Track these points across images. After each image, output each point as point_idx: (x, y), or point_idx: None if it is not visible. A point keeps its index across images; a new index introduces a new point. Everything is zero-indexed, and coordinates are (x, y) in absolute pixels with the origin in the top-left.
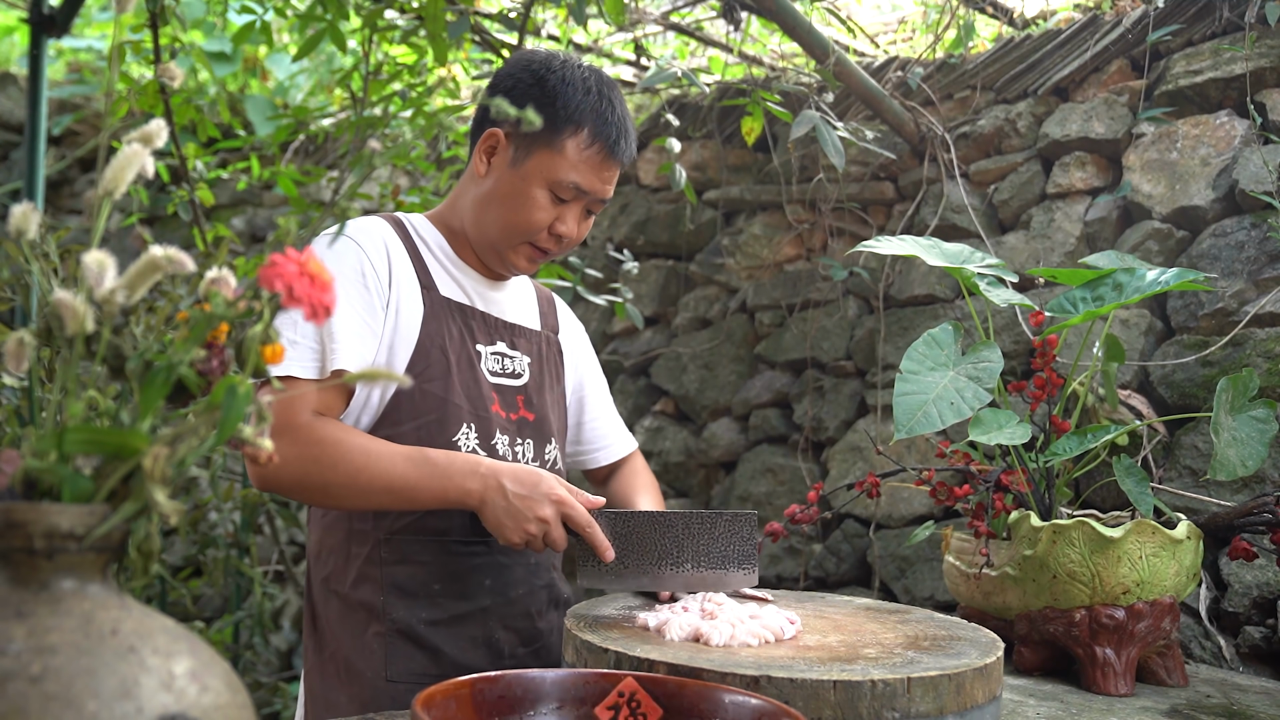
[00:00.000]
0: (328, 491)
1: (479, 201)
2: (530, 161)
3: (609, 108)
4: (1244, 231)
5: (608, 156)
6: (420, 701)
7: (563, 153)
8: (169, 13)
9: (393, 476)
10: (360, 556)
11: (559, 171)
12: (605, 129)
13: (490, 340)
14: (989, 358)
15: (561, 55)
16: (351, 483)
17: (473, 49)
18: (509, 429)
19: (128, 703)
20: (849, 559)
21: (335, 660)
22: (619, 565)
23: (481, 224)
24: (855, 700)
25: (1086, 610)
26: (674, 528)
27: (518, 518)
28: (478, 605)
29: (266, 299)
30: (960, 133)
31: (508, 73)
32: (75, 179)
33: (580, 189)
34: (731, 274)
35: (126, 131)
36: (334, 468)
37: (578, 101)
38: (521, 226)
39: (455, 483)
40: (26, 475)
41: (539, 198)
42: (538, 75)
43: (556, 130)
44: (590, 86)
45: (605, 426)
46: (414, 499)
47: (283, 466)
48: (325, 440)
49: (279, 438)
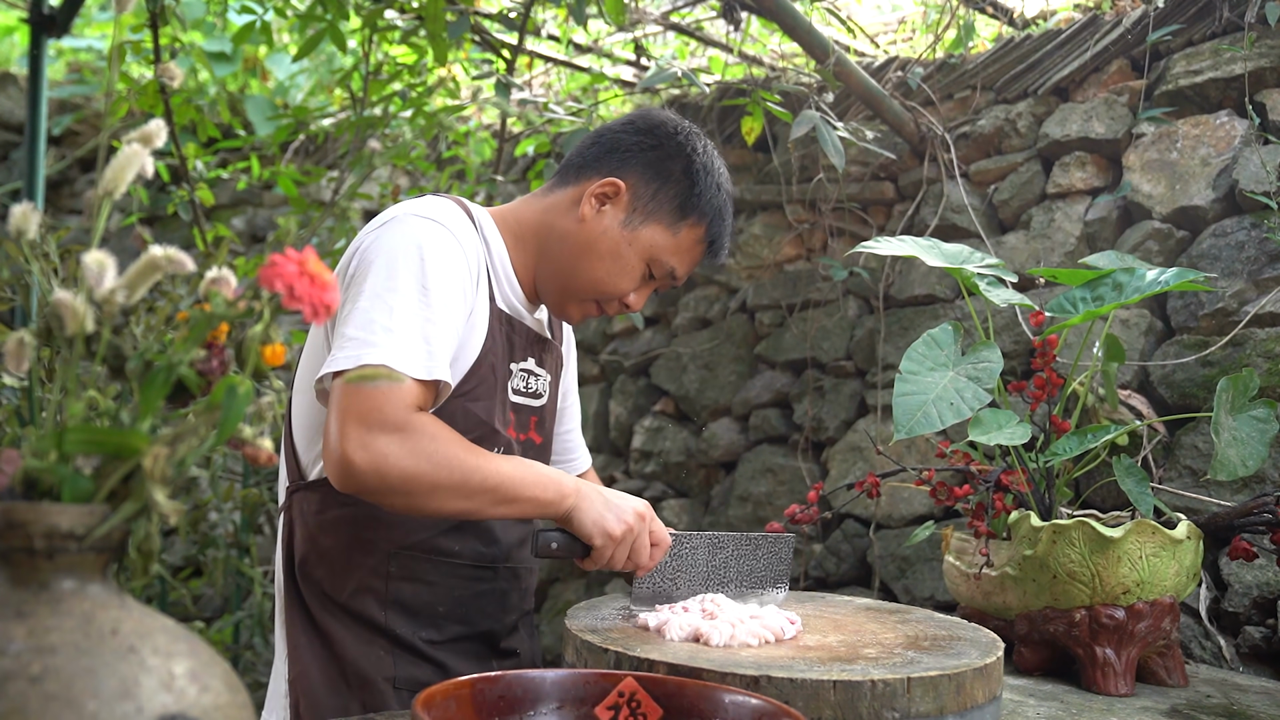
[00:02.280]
0: (434, 493)
1: (573, 245)
2: (644, 230)
3: (729, 211)
4: (1244, 231)
5: (710, 256)
6: (420, 702)
7: (676, 236)
8: (169, 13)
9: (501, 476)
10: (364, 567)
11: (665, 253)
12: (721, 231)
13: (524, 356)
14: (989, 358)
15: (703, 137)
16: (463, 484)
17: (473, 49)
18: (519, 452)
19: (128, 703)
20: (849, 559)
21: (340, 665)
22: (671, 585)
23: (567, 266)
24: (855, 700)
25: (1086, 610)
26: (725, 549)
27: (618, 512)
28: (476, 630)
29: (266, 299)
30: (960, 133)
31: (647, 129)
32: (75, 179)
33: (674, 275)
34: (731, 274)
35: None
36: (449, 466)
37: (710, 195)
38: (607, 287)
39: (554, 481)
40: (26, 475)
41: (636, 268)
42: (682, 150)
43: (682, 214)
44: (722, 184)
45: (575, 439)
46: (514, 497)
47: (392, 463)
48: (439, 437)
49: (384, 433)
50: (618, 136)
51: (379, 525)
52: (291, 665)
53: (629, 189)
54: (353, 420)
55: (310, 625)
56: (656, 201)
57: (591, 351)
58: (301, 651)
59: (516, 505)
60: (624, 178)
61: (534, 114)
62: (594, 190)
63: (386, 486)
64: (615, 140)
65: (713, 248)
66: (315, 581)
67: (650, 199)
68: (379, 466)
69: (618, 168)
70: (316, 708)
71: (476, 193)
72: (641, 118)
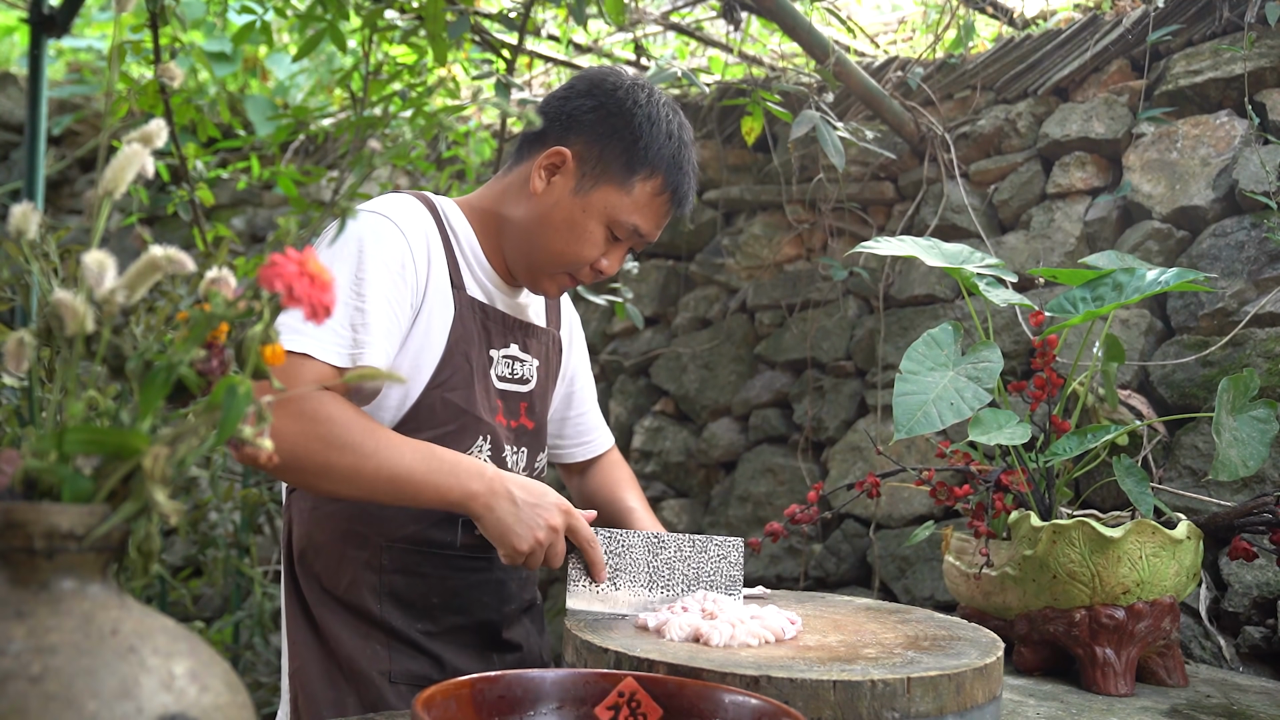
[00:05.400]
0: (327, 474)
1: (529, 220)
2: (595, 194)
3: (686, 157)
4: (1244, 231)
5: (674, 207)
6: (420, 702)
7: (631, 193)
8: (169, 13)
9: (399, 467)
10: (357, 560)
11: (623, 212)
12: (679, 180)
13: (505, 343)
14: (989, 358)
15: (648, 88)
16: (355, 469)
17: (473, 49)
18: (509, 437)
19: (128, 703)
20: (849, 559)
21: (336, 659)
22: (610, 586)
23: (526, 243)
24: (855, 700)
25: (1086, 610)
26: (667, 549)
27: (529, 525)
28: (474, 620)
29: (266, 299)
30: (960, 133)
31: (587, 90)
32: (75, 179)
33: (639, 232)
34: (731, 274)
35: (126, 131)
36: (340, 449)
37: (659, 145)
38: (570, 257)
39: (460, 482)
40: (26, 475)
41: (596, 233)
42: (623, 106)
43: (631, 170)
44: (673, 131)
45: (590, 421)
46: (416, 494)
47: (280, 440)
48: (334, 418)
49: (279, 409)
50: (561, 103)
51: (370, 519)
52: (291, 659)
53: (575, 155)
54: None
55: (308, 620)
56: (604, 162)
57: (592, 351)
58: (300, 646)
59: (418, 500)
60: (569, 144)
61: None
62: (540, 163)
63: (277, 464)
64: (559, 108)
65: (675, 197)
66: (314, 576)
67: (597, 160)
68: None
69: (563, 135)
70: (314, 701)
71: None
72: (582, 80)
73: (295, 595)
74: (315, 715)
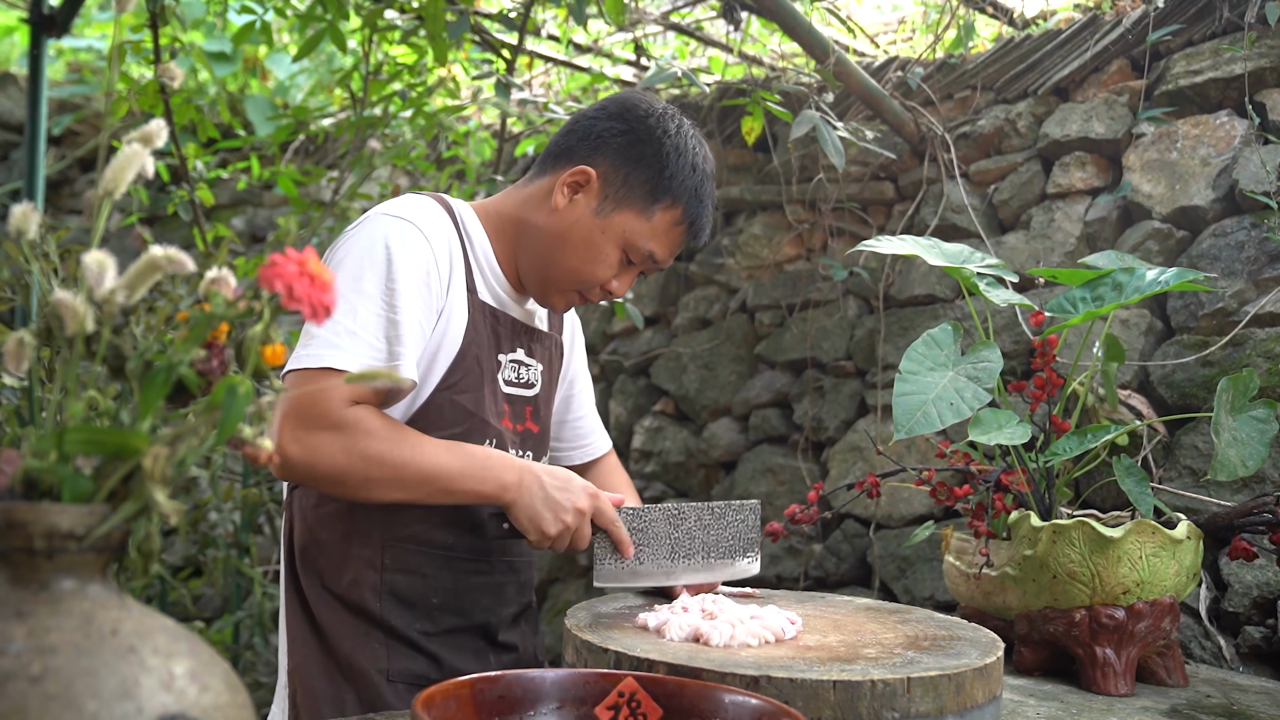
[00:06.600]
0: (367, 485)
1: (547, 235)
2: (616, 217)
3: (708, 190)
4: (1244, 231)
5: (690, 238)
6: (420, 701)
7: (651, 220)
8: (169, 13)
9: (435, 467)
10: (359, 559)
11: (641, 237)
12: (699, 212)
13: (512, 348)
14: (989, 358)
15: (677, 118)
16: (396, 478)
17: (473, 49)
18: (515, 441)
19: (128, 703)
20: (849, 559)
21: (335, 657)
22: (635, 561)
23: (542, 257)
24: (855, 700)
25: (1086, 610)
26: (687, 520)
27: (556, 509)
28: (472, 621)
29: (266, 299)
30: (960, 133)
31: (618, 113)
32: (75, 179)
33: (654, 259)
34: (731, 274)
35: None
36: (381, 461)
37: (684, 177)
38: (584, 276)
39: (494, 474)
40: (26, 475)
41: (611, 255)
42: (653, 133)
43: (654, 198)
44: (697, 164)
45: (588, 424)
46: (450, 490)
47: (323, 457)
48: (372, 432)
49: (319, 429)
50: (591, 123)
51: (372, 518)
52: (290, 656)
53: (600, 176)
54: (292, 415)
55: (308, 617)
56: (628, 187)
57: (591, 351)
58: (299, 643)
59: (455, 496)
60: (595, 165)
61: (534, 114)
62: (565, 180)
63: (317, 479)
64: (588, 127)
65: (692, 229)
66: (315, 574)
67: (621, 184)
68: (311, 461)
69: (590, 155)
70: (312, 698)
71: (476, 193)
72: (614, 102)
73: (295, 593)
74: (314, 712)
